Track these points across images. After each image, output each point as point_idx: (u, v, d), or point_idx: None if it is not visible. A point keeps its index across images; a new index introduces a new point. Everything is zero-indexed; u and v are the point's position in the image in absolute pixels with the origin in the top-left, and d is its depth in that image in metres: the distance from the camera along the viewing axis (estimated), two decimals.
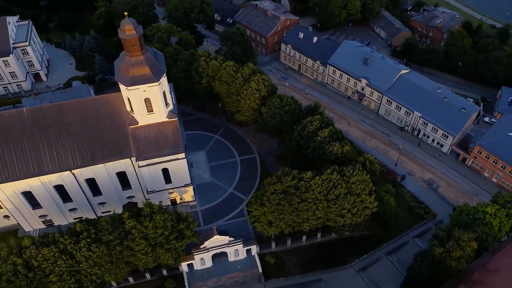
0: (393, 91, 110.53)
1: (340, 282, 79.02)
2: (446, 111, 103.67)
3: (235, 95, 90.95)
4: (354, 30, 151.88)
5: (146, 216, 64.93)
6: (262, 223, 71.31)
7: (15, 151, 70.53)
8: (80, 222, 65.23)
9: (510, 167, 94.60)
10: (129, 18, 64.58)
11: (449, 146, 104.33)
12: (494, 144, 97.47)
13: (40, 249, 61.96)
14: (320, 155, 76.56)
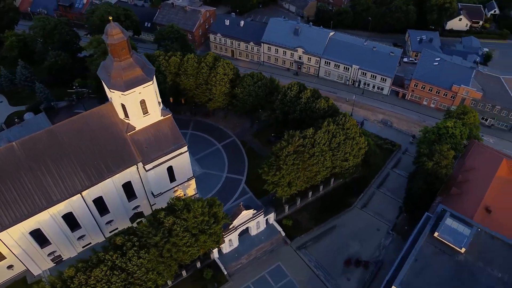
0: (328, 53, 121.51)
1: (351, 222, 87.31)
2: (378, 58, 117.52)
3: (204, 85, 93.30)
4: (265, 11, 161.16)
5: (182, 209, 65.81)
6: (282, 186, 76.12)
7: (16, 189, 65.69)
8: (118, 235, 63.86)
9: (442, 89, 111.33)
10: (113, 22, 64.13)
11: (389, 87, 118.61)
12: (425, 75, 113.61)
13: (90, 272, 59.76)
14: (309, 114, 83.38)
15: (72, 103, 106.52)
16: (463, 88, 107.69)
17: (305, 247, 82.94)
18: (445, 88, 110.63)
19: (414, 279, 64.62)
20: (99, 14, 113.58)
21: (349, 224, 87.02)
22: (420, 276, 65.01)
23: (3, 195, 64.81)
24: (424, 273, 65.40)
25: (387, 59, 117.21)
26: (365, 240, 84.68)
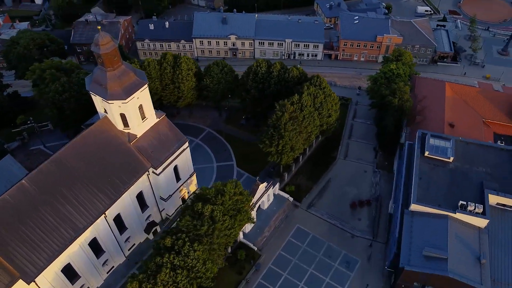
0: (259, 33, 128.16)
1: (340, 172, 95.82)
2: (306, 28, 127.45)
3: (171, 85, 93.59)
4: (177, 10, 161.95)
5: (215, 196, 67.67)
6: (287, 153, 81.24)
7: (40, 227, 61.51)
8: (164, 237, 63.74)
9: (369, 42, 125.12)
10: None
11: (322, 52, 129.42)
12: (351, 34, 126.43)
13: (154, 279, 59.29)
14: (284, 85, 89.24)
15: (25, 141, 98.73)
16: (386, 37, 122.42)
17: (313, 205, 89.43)
18: (371, 41, 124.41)
19: (424, 192, 74.92)
20: (24, 43, 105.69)
21: (340, 174, 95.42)
22: (427, 190, 75.49)
23: (29, 237, 60.47)
24: (429, 186, 76.06)
25: (314, 27, 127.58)
26: (359, 183, 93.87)
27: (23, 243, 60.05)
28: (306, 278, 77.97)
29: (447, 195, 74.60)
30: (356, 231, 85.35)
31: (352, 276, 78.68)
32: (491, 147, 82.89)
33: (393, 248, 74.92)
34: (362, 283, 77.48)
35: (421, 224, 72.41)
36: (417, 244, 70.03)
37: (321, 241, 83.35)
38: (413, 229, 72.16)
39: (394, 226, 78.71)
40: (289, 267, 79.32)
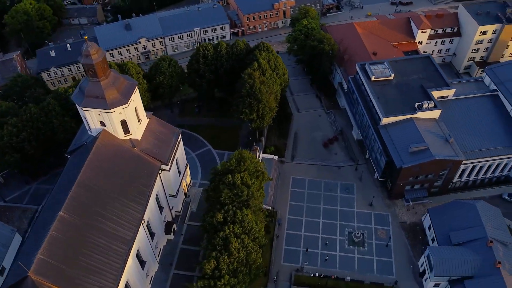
0: (167, 30, 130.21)
1: (300, 123, 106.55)
2: (209, 14, 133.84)
3: None
4: (59, 35, 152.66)
5: (237, 165, 72.05)
6: (267, 115, 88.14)
7: (94, 251, 59.15)
8: (213, 216, 66.45)
9: (268, 11, 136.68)
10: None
11: (229, 32, 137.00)
12: (250, 8, 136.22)
13: (228, 249, 62.30)
14: (234, 59, 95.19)
15: None
16: (281, 2, 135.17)
17: (295, 156, 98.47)
18: (269, 10, 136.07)
19: (386, 107, 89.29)
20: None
21: (301, 125, 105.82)
22: (387, 104, 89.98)
23: (90, 264, 58.09)
24: (387, 101, 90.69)
25: (215, 11, 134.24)
26: (320, 126, 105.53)
27: (88, 272, 57.55)
28: (322, 213, 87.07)
29: (403, 103, 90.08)
30: (339, 163, 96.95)
31: (355, 197, 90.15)
32: (413, 59, 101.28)
33: (380, 160, 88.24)
34: (366, 198, 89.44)
35: (395, 131, 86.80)
36: (400, 147, 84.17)
37: (317, 181, 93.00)
38: (392, 138, 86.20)
39: (371, 144, 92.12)
40: (303, 211, 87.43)
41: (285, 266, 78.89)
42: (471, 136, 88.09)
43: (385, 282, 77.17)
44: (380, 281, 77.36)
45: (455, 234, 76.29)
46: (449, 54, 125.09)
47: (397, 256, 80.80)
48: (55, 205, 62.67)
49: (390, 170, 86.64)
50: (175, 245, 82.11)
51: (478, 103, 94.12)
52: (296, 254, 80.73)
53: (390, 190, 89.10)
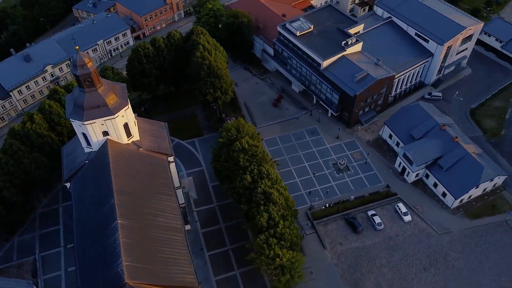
0: (69, 51, 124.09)
1: (245, 94, 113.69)
2: (106, 24, 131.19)
3: None
4: None
5: (238, 133, 77.54)
6: (229, 89, 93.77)
7: (163, 246, 60.23)
8: (244, 178, 71.35)
9: (162, 8, 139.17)
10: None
11: (131, 37, 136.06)
12: (143, 8, 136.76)
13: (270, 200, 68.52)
14: (175, 50, 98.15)
15: None
16: None
17: (256, 122, 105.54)
18: (163, 6, 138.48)
19: (321, 52, 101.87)
20: None
21: (246, 96, 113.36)
22: (319, 50, 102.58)
23: (167, 259, 59.21)
24: (317, 48, 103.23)
25: (111, 20, 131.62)
26: (262, 91, 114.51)
27: (167, 265, 58.60)
28: (303, 158, 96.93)
29: (330, 46, 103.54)
30: (295, 115, 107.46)
31: (322, 136, 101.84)
32: (319, 10, 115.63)
33: (333, 97, 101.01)
34: (331, 134, 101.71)
35: (336, 70, 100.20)
36: (347, 80, 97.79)
37: (286, 136, 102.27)
38: (336, 75, 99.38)
39: (318, 88, 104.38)
40: (288, 163, 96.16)
41: (299, 210, 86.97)
42: (389, 56, 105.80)
43: (379, 189, 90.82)
44: (375, 190, 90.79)
45: (415, 131, 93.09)
46: (333, 3, 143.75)
47: (376, 167, 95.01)
48: (97, 223, 61.24)
49: (344, 103, 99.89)
50: (196, 231, 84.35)
51: (382, 30, 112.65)
52: (302, 198, 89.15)
53: (348, 119, 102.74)
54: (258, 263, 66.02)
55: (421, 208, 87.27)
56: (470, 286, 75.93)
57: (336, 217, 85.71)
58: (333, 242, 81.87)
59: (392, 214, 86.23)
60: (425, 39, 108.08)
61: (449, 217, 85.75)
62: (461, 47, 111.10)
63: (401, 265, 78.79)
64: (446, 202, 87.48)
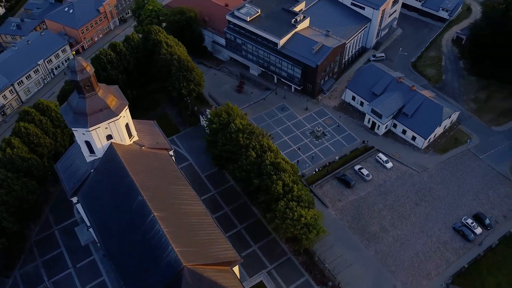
0: (10, 76, 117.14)
1: (209, 87, 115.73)
2: (42, 43, 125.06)
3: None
4: None
5: (229, 116, 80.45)
6: (200, 80, 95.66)
7: (193, 228, 61.98)
8: (250, 155, 74.57)
9: (97, 17, 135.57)
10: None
11: (70, 52, 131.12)
12: (79, 21, 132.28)
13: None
14: (136, 52, 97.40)
15: None
16: (105, 4, 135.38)
17: None
18: (98, 15, 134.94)
19: (272, 32, 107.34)
20: None
21: (208, 88, 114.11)
22: (269, 29, 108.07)
23: (205, 239, 61.17)
24: (268, 29, 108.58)
25: (46, 38, 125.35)
26: (222, 81, 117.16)
27: (209, 245, 60.74)
28: (282, 133, 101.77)
29: (281, 25, 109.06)
30: (261, 96, 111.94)
31: (291, 110, 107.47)
32: None
33: (295, 72, 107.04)
34: (299, 107, 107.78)
35: (293, 46, 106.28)
36: (306, 54, 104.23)
37: (259, 116, 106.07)
38: (294, 51, 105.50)
39: (279, 66, 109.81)
40: None
41: None
42: (334, 27, 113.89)
43: (357, 146, 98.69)
44: (354, 147, 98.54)
45: (375, 88, 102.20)
46: None
47: (349, 127, 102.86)
48: (127, 223, 61.29)
49: (307, 75, 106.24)
50: None
51: (321, 5, 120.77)
52: None
53: (312, 90, 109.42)
54: (284, 228, 69.84)
55: (397, 154, 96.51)
56: (456, 209, 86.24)
57: (328, 178, 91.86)
58: (332, 201, 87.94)
59: (375, 165, 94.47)
60: (361, 6, 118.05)
61: (423, 156, 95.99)
62: (392, 9, 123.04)
63: (396, 205, 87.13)
64: (416, 144, 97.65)
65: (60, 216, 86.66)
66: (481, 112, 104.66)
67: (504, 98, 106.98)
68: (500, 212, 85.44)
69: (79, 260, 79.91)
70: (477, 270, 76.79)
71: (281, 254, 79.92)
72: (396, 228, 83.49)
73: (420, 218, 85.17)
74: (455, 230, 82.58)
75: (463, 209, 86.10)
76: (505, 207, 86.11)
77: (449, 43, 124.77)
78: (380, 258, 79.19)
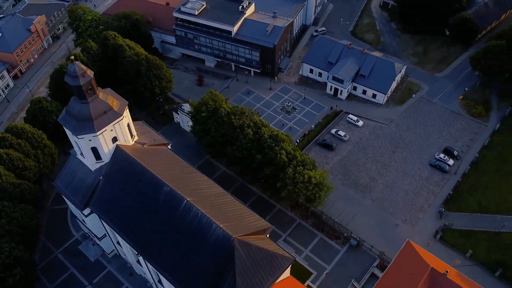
0: None
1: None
2: None
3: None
4: None
5: (215, 103, 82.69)
6: (169, 77, 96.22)
7: (227, 207, 64.29)
8: (248, 134, 77.65)
9: (28, 38, 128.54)
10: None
11: (10, 77, 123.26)
12: (11, 43, 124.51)
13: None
14: (98, 59, 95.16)
15: None
16: (36, 23, 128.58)
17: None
18: (30, 35, 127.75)
19: (224, 21, 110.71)
20: None
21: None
22: (222, 20, 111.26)
23: (232, 213, 63.54)
24: (220, 19, 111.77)
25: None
26: (181, 78, 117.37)
27: (242, 220, 63.10)
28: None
29: (230, 14, 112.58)
30: (224, 85, 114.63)
31: (256, 92, 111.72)
32: None
33: (253, 56, 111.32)
34: (263, 88, 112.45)
35: (247, 31, 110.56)
36: (260, 36, 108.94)
37: (238, 97, 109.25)
38: (249, 35, 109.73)
39: (236, 53, 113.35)
40: None
41: None
42: (278, 8, 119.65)
43: (327, 112, 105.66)
44: (325, 114, 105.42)
45: (331, 58, 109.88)
46: None
47: (314, 98, 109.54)
48: (158, 216, 61.80)
49: (265, 57, 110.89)
50: None
51: None
52: None
53: (272, 70, 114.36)
54: (297, 192, 74.13)
55: (364, 113, 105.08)
56: (427, 148, 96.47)
57: (310, 145, 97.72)
58: (320, 165, 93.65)
59: (348, 125, 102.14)
60: None
61: (386, 110, 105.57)
62: None
63: (377, 156, 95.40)
64: (377, 101, 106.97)
65: (58, 239, 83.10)
66: (423, 64, 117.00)
67: (438, 48, 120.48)
68: (463, 143, 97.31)
69: (94, 276, 77.65)
70: (459, 194, 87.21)
71: (290, 221, 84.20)
72: (382, 176, 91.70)
73: (400, 162, 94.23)
74: (432, 166, 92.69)
75: (433, 147, 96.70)
76: (466, 138, 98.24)
77: (378, 9, 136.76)
78: (378, 204, 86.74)
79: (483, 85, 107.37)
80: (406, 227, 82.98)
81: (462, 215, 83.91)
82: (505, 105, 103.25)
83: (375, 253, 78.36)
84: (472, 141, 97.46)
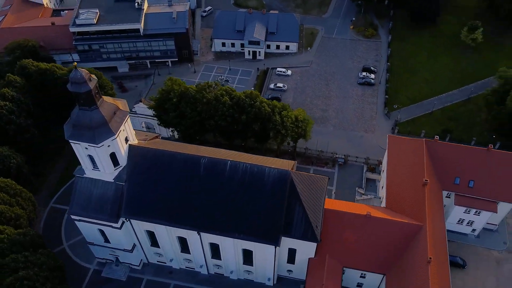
0: None
1: None
2: None
3: None
4: None
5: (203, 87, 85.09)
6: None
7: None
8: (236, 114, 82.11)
9: None
10: None
11: None
12: None
13: None
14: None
15: None
16: None
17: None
18: None
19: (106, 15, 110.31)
20: None
21: None
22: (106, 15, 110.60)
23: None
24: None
25: None
26: None
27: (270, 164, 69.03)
28: None
29: (128, 13, 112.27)
30: (149, 83, 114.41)
31: (185, 79, 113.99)
32: None
33: (169, 46, 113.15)
34: (189, 72, 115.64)
35: (152, 25, 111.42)
36: (169, 26, 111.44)
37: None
38: (158, 27, 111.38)
39: (149, 49, 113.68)
40: None
41: None
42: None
43: (256, 74, 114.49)
44: (255, 75, 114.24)
45: (238, 26, 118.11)
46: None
47: (238, 66, 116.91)
48: (208, 184, 63.80)
49: (180, 43, 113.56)
50: None
51: None
52: None
53: (189, 55, 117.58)
54: (289, 133, 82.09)
55: (286, 63, 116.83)
56: (350, 72, 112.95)
57: None
58: None
59: (280, 77, 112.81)
60: None
61: (302, 55, 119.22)
62: None
63: (316, 93, 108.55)
64: (291, 51, 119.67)
65: (75, 277, 76.52)
66: (308, 11, 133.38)
67: None
68: (372, 59, 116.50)
69: None
70: (391, 96, 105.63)
71: None
72: (329, 105, 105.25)
73: (336, 90, 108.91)
74: (360, 84, 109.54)
75: (353, 70, 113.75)
76: (371, 55, 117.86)
77: None
78: (339, 127, 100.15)
79: (364, 12, 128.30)
80: (369, 135, 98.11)
81: (402, 110, 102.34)
82: (385, 22, 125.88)
83: (361, 162, 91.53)
84: (377, 56, 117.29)
